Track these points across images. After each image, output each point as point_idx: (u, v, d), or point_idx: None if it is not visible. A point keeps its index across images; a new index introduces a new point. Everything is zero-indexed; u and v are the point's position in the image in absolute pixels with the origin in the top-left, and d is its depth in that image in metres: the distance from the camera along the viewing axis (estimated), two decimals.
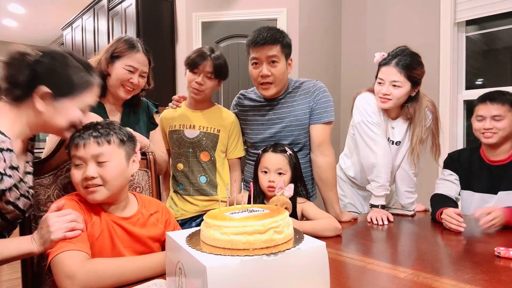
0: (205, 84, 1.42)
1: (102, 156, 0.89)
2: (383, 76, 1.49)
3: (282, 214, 0.66)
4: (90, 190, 0.88)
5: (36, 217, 1.03)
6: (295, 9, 2.86)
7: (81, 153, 0.88)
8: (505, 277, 0.84)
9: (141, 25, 3.02)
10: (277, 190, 1.21)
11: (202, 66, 1.41)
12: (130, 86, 1.33)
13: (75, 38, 4.42)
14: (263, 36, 1.34)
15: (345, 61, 3.25)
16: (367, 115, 1.54)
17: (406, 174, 1.61)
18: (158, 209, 1.04)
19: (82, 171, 0.88)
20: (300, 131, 1.46)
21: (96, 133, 0.90)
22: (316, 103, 1.44)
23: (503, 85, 2.45)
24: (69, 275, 0.75)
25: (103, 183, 0.88)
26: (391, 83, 1.46)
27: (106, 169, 0.89)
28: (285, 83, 1.46)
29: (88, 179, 0.87)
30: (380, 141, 1.53)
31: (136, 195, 1.05)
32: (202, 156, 1.48)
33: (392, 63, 1.46)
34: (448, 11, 2.54)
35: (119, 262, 0.82)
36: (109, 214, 0.93)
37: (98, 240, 0.89)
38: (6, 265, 1.14)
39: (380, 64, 1.53)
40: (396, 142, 1.59)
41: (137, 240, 0.95)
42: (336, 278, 0.83)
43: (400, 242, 1.24)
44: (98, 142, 0.89)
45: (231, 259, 0.57)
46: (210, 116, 1.50)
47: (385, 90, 1.47)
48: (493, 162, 1.46)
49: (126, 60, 1.31)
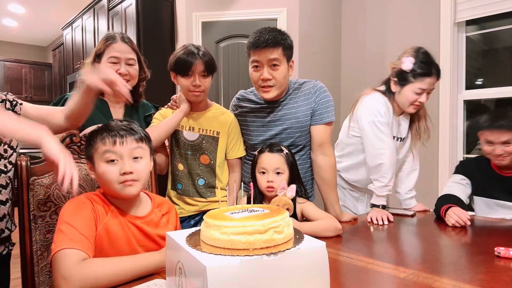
0: (202, 84, 1.39)
1: (138, 152, 0.94)
2: (425, 87, 1.49)
3: (282, 214, 0.66)
4: (128, 184, 0.91)
5: (36, 217, 1.03)
6: (295, 9, 2.86)
7: (118, 149, 0.91)
8: (505, 277, 0.84)
9: (141, 25, 3.02)
10: (280, 191, 1.21)
11: (194, 67, 1.36)
12: (121, 77, 1.34)
13: (75, 38, 4.43)
14: (265, 38, 1.30)
15: (345, 61, 3.25)
16: (379, 115, 1.53)
17: (412, 172, 1.68)
18: (169, 210, 1.07)
19: (118, 167, 0.91)
20: (300, 133, 1.45)
21: (132, 131, 0.95)
22: (317, 104, 1.43)
23: (503, 85, 2.45)
24: (64, 276, 0.76)
25: (137, 178, 0.93)
26: (429, 91, 1.52)
27: (140, 165, 0.94)
28: (286, 85, 1.44)
29: (126, 174, 0.90)
30: (389, 142, 1.54)
31: (149, 194, 1.06)
32: (202, 159, 1.47)
33: (433, 72, 1.49)
34: (448, 11, 2.54)
35: (114, 262, 0.82)
36: (125, 213, 0.95)
37: (114, 239, 0.91)
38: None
39: (417, 74, 1.49)
40: (402, 138, 1.64)
41: (150, 239, 0.97)
42: (336, 278, 0.83)
43: (400, 242, 1.24)
44: (136, 139, 0.95)
45: (231, 259, 0.57)
46: (208, 117, 1.49)
47: (424, 99, 1.51)
48: (506, 173, 1.49)
49: (107, 53, 1.33)
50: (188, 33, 3.03)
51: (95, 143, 0.93)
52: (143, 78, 1.45)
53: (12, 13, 4.81)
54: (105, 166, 0.91)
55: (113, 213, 0.93)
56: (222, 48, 3.01)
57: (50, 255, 1.04)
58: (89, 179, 1.13)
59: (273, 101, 1.45)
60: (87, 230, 0.86)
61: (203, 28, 3.02)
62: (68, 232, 0.83)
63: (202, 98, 1.45)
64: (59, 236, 0.83)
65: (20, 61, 5.87)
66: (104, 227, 0.90)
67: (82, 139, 1.14)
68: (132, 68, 1.36)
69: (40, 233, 1.04)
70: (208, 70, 1.39)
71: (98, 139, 0.93)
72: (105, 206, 0.94)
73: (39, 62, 6.14)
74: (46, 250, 1.04)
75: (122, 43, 1.35)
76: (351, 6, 3.18)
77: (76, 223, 0.85)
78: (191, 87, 1.38)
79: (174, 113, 1.42)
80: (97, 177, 0.96)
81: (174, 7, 3.17)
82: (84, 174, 1.13)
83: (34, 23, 5.27)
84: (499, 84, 2.49)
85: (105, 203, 0.94)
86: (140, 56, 1.42)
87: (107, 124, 0.97)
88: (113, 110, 1.40)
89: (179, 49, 1.41)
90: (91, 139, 0.95)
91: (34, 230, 1.02)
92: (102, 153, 0.91)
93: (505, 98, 2.45)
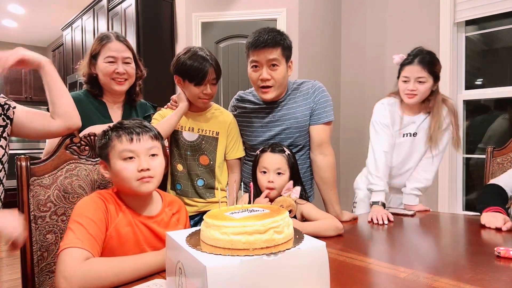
0: (212, 91, 1.40)
1: (154, 149, 0.96)
2: (408, 74, 1.59)
3: (282, 214, 0.66)
4: (146, 181, 0.93)
5: (36, 217, 1.03)
6: (295, 9, 2.86)
7: (135, 146, 0.93)
8: (505, 277, 0.84)
9: (140, 26, 3.02)
10: (285, 191, 1.21)
11: (208, 76, 1.34)
12: (119, 76, 1.34)
13: (75, 39, 4.43)
14: (264, 38, 1.30)
15: (345, 61, 3.25)
16: (375, 115, 1.69)
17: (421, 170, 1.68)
18: (179, 208, 1.07)
19: (135, 164, 0.92)
20: (300, 133, 1.45)
21: (146, 128, 0.97)
22: (316, 104, 1.43)
23: (503, 85, 2.45)
24: (65, 275, 0.76)
25: (154, 175, 0.94)
26: (417, 80, 1.57)
27: (156, 162, 0.96)
28: (285, 86, 1.44)
29: (144, 171, 0.92)
30: (380, 142, 1.64)
31: (160, 193, 1.07)
32: (201, 159, 1.47)
33: (415, 62, 1.58)
34: (448, 11, 2.54)
35: (115, 262, 0.83)
36: (135, 213, 0.96)
37: (124, 239, 0.92)
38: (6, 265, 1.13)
39: (402, 64, 1.63)
40: (413, 133, 1.68)
41: (160, 240, 0.97)
42: (336, 278, 0.83)
43: (400, 242, 1.24)
44: (151, 136, 0.96)
45: (231, 259, 0.57)
46: (208, 118, 1.49)
47: (411, 86, 1.58)
48: None
49: (103, 53, 1.34)
50: (188, 33, 3.03)
51: (111, 142, 0.94)
52: (140, 77, 1.45)
53: (12, 13, 4.81)
54: (123, 163, 0.92)
55: (124, 213, 0.94)
56: (222, 48, 3.01)
57: (50, 255, 1.05)
58: (89, 180, 1.14)
59: (272, 101, 1.45)
60: (96, 231, 0.86)
61: (202, 29, 3.02)
62: (77, 230, 0.84)
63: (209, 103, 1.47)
64: (67, 234, 0.84)
65: None
66: (115, 228, 0.91)
67: (82, 139, 1.14)
68: (129, 67, 1.37)
69: (40, 234, 1.04)
70: (218, 76, 1.40)
71: (113, 138, 0.94)
72: (117, 206, 0.94)
73: None
74: (46, 250, 1.05)
75: (118, 42, 1.35)
76: (350, 6, 3.19)
77: (86, 222, 0.86)
78: (201, 95, 1.38)
79: (174, 112, 1.42)
80: (112, 176, 0.96)
81: (174, 8, 3.17)
82: (84, 175, 1.13)
83: (34, 23, 5.27)
84: (499, 84, 2.49)
85: (117, 203, 0.95)
86: (136, 55, 1.43)
87: (120, 123, 0.98)
88: (111, 110, 1.40)
89: (184, 52, 1.37)
90: (104, 138, 0.96)
91: (34, 230, 1.02)
92: (120, 151, 0.93)
93: (504, 98, 2.45)
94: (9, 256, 1.09)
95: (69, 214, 1.08)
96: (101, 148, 0.97)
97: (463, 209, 2.61)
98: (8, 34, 5.70)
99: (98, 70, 1.35)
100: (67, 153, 1.11)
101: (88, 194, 1.11)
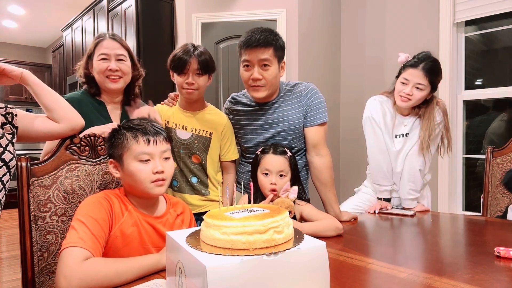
0: (196, 82, 1.40)
1: (167, 152, 0.98)
2: (408, 77, 1.56)
3: (282, 214, 0.66)
4: (160, 183, 0.94)
5: (36, 217, 1.03)
6: (294, 10, 2.86)
7: (153, 149, 0.94)
8: (505, 277, 0.84)
9: (140, 26, 3.02)
10: (282, 192, 1.21)
11: (188, 65, 1.37)
12: (112, 74, 1.34)
13: (75, 39, 4.43)
14: (256, 38, 1.30)
15: (345, 62, 3.25)
16: (367, 110, 1.69)
17: (415, 170, 1.64)
18: (183, 210, 1.08)
19: (150, 166, 0.93)
20: (294, 135, 1.45)
21: (160, 130, 0.98)
22: (309, 106, 1.43)
23: (502, 85, 2.45)
24: (65, 274, 0.76)
25: (166, 178, 0.96)
26: (415, 85, 1.55)
27: (169, 165, 0.98)
28: (276, 86, 1.44)
29: (159, 173, 0.93)
30: (376, 138, 1.66)
31: (164, 194, 1.07)
32: (194, 158, 1.48)
33: (419, 67, 1.54)
34: (447, 12, 2.55)
35: (115, 262, 0.83)
36: (140, 213, 0.96)
37: (128, 240, 0.92)
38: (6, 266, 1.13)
39: (406, 65, 1.60)
40: (405, 134, 1.67)
41: (164, 240, 0.97)
42: (336, 278, 0.83)
43: (400, 242, 1.24)
44: (165, 139, 0.98)
45: (231, 259, 0.57)
46: (202, 118, 1.49)
47: (408, 90, 1.56)
48: None
49: (97, 52, 1.35)
50: (188, 34, 3.04)
51: (126, 142, 0.94)
52: (138, 77, 1.45)
53: (12, 14, 4.82)
54: (138, 165, 0.93)
55: (130, 213, 0.94)
56: (222, 49, 3.01)
57: (50, 256, 1.05)
58: (89, 180, 1.14)
59: (264, 103, 1.46)
60: (99, 231, 0.87)
61: (202, 29, 3.02)
62: (80, 229, 0.84)
63: (196, 96, 1.45)
64: (70, 233, 0.85)
65: (20, 62, 5.87)
66: (119, 228, 0.91)
67: (82, 140, 1.14)
68: (123, 64, 1.37)
69: (40, 234, 1.04)
70: (203, 69, 1.39)
71: (129, 139, 0.94)
72: (122, 206, 0.95)
73: (39, 63, 6.14)
74: (47, 251, 1.05)
75: (111, 40, 1.37)
76: (350, 6, 3.19)
77: (90, 222, 0.86)
78: (184, 85, 1.40)
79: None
80: (124, 176, 0.97)
81: (174, 8, 3.18)
82: (84, 175, 1.13)
83: (34, 24, 5.27)
84: (499, 84, 2.49)
85: (122, 203, 0.95)
86: (132, 54, 1.43)
87: (134, 123, 0.98)
88: (110, 111, 1.40)
89: (178, 48, 1.43)
90: (118, 138, 0.96)
91: (34, 231, 1.02)
92: (137, 153, 0.93)
93: (504, 98, 2.45)
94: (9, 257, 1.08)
95: (69, 214, 1.08)
96: (113, 147, 0.97)
97: (463, 209, 2.61)
98: (8, 35, 5.71)
99: (93, 69, 1.36)
100: (67, 153, 1.11)
101: (88, 194, 1.11)
